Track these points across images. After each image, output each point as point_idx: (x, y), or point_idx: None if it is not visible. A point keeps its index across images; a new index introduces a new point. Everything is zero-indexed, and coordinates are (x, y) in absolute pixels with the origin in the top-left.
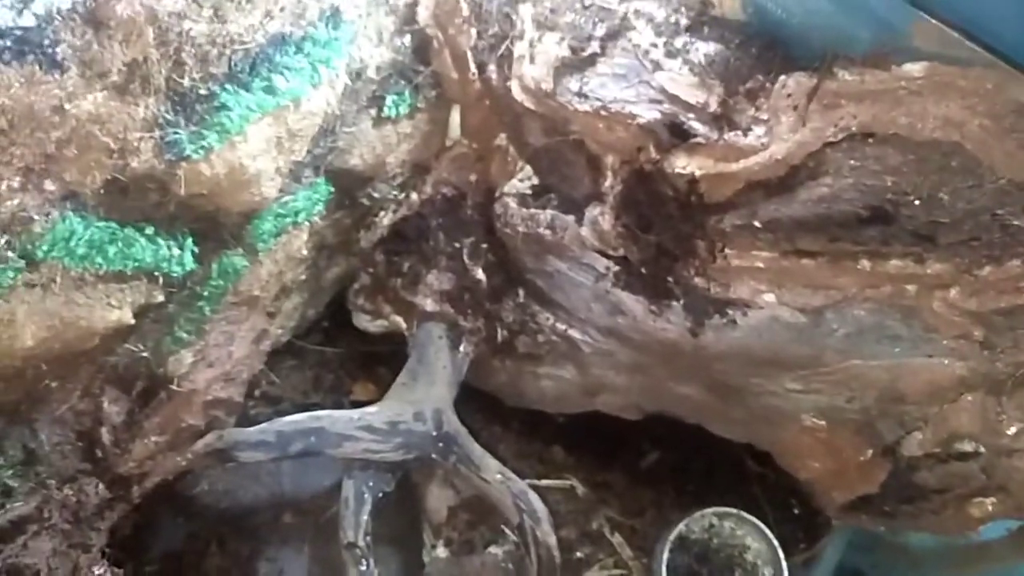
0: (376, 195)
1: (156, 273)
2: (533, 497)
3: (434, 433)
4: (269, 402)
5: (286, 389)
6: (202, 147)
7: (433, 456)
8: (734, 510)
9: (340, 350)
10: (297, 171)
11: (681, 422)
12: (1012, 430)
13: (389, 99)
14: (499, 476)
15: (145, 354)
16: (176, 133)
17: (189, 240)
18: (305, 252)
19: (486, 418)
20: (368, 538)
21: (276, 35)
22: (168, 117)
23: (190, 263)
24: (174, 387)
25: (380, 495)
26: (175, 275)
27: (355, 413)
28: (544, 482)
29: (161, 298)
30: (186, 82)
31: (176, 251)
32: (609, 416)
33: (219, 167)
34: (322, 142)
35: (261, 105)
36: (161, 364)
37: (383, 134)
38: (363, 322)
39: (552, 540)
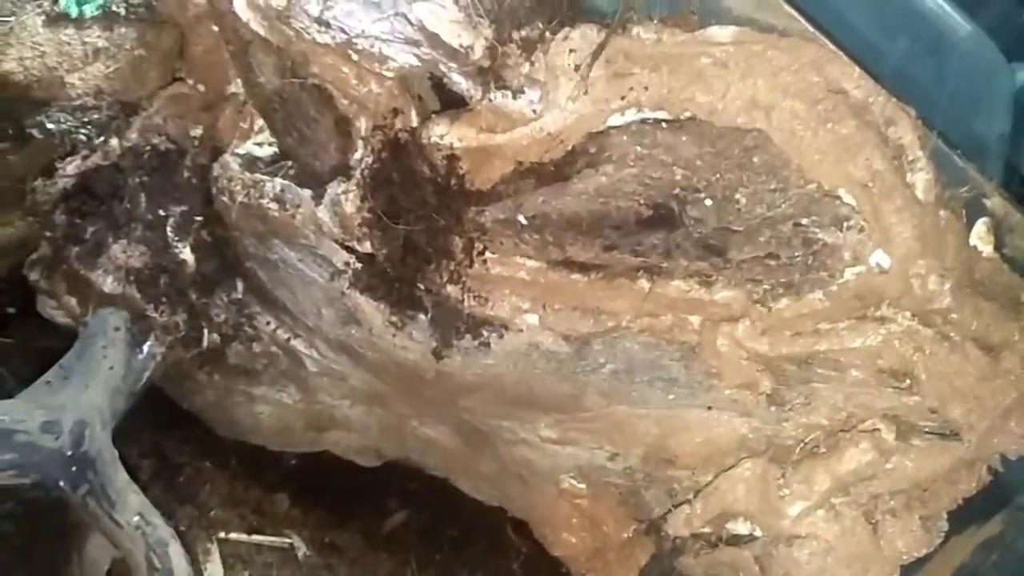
0: (52, 127)
1: None
2: (175, 552)
3: (68, 452)
4: None
5: None
6: None
7: (60, 483)
8: None
9: (9, 341)
10: None
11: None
12: (795, 510)
13: None
14: (137, 519)
15: None
16: None
17: None
18: None
19: (197, 450)
20: None
21: None
22: None
23: None
24: None
25: None
26: None
27: None
28: (256, 538)
29: None
30: None
31: None
32: (353, 462)
33: None
34: None
35: None
36: None
37: (60, 39)
38: (46, 308)
39: None
